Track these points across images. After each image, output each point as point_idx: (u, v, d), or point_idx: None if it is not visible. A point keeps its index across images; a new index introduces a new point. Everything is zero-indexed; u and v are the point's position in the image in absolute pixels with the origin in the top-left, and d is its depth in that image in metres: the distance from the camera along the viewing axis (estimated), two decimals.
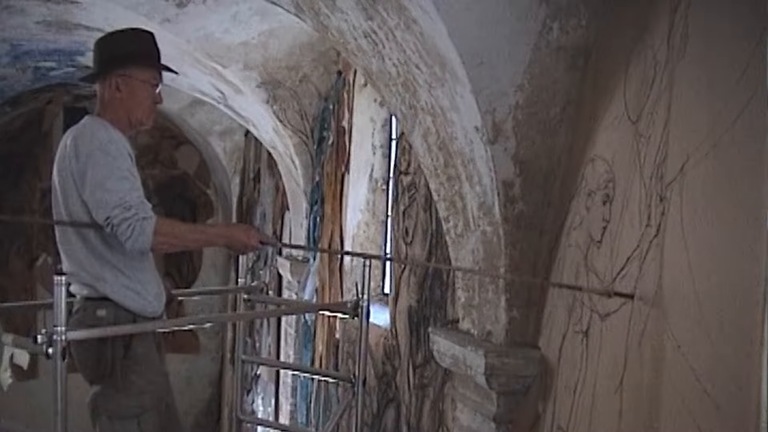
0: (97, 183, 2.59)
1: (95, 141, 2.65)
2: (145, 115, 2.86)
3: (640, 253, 2.31)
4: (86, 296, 2.71)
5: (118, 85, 2.79)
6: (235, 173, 10.24)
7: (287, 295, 7.26)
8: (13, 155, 10.45)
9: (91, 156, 2.62)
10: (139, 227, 2.55)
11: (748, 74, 1.89)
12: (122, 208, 2.55)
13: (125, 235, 2.55)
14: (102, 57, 2.85)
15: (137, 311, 2.73)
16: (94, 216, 2.61)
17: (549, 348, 2.86)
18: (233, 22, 5.52)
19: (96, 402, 2.77)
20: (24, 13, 5.91)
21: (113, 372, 2.71)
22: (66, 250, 2.78)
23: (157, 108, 2.93)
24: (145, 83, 2.82)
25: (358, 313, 3.10)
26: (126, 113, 2.80)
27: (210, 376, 11.56)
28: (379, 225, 5.43)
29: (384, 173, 5.39)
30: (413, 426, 4.15)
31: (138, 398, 2.75)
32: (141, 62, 2.83)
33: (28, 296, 10.35)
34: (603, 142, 2.59)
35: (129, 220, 2.54)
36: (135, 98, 2.80)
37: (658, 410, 2.17)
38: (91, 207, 2.61)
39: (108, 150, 2.63)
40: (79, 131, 2.73)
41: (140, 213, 2.57)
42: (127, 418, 2.74)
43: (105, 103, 2.82)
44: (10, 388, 7.87)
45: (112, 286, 2.70)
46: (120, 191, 2.58)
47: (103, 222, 2.58)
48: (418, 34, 2.84)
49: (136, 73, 2.80)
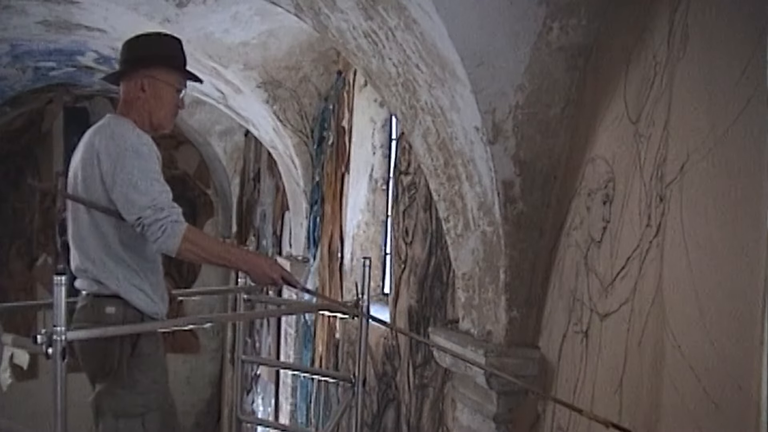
0: (129, 183, 2.61)
1: (127, 142, 2.67)
2: (167, 119, 2.89)
3: (640, 253, 2.31)
4: (95, 293, 2.73)
5: (144, 85, 2.82)
6: (235, 173, 10.24)
7: (287, 295, 7.26)
8: (13, 155, 10.45)
9: (122, 156, 2.64)
10: (170, 229, 2.58)
11: (748, 74, 1.89)
12: (154, 209, 2.58)
13: (155, 236, 2.58)
14: (129, 57, 2.88)
15: (146, 311, 2.76)
16: (125, 215, 2.63)
17: (549, 348, 2.86)
18: (233, 22, 5.52)
19: (100, 400, 2.78)
20: (24, 13, 5.91)
21: (119, 370, 2.73)
22: (79, 246, 2.79)
23: (178, 112, 2.96)
24: (169, 86, 2.86)
25: (358, 313, 3.10)
26: (149, 114, 2.83)
27: (210, 376, 11.55)
28: (379, 225, 5.43)
29: (384, 173, 5.39)
30: (413, 426, 4.15)
31: (143, 397, 2.77)
32: (167, 65, 2.87)
33: (28, 296, 10.35)
34: (603, 142, 2.60)
35: (161, 221, 2.57)
36: (159, 100, 2.84)
37: (658, 410, 2.17)
38: (121, 206, 2.63)
39: (140, 151, 2.66)
40: (107, 130, 2.75)
41: (172, 216, 2.60)
42: (131, 416, 2.76)
43: (129, 103, 2.85)
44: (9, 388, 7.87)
45: (124, 285, 2.73)
46: (152, 192, 2.61)
47: (134, 222, 2.60)
48: (418, 34, 2.84)
49: (161, 75, 2.84)
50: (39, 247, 10.75)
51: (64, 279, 2.30)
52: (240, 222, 10.18)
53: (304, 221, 6.83)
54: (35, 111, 10.34)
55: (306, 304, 6.18)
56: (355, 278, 5.29)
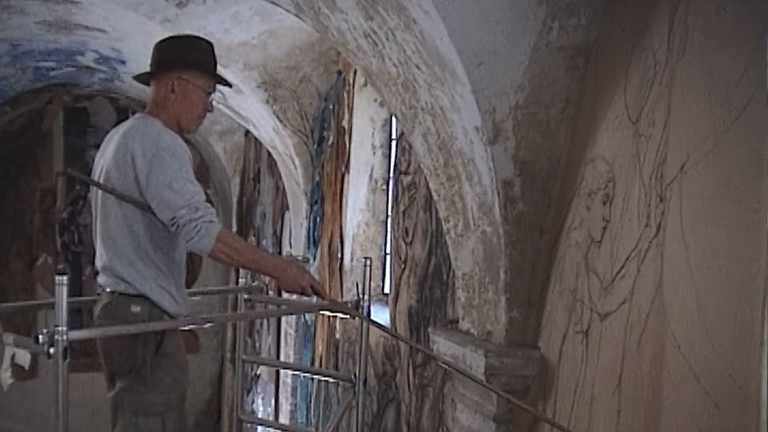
0: (164, 183, 2.63)
1: (162, 142, 2.69)
2: (194, 121, 2.92)
3: (640, 253, 2.31)
4: (121, 291, 2.75)
5: (174, 86, 2.84)
6: (235, 173, 10.24)
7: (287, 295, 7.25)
8: (13, 155, 10.45)
9: (158, 157, 2.66)
10: (205, 229, 2.60)
11: (748, 74, 1.90)
12: (189, 209, 2.60)
13: (190, 235, 2.60)
14: (161, 58, 2.89)
15: (172, 312, 2.78)
16: (159, 215, 2.65)
17: (549, 348, 2.86)
18: (233, 22, 5.53)
19: (121, 397, 2.80)
20: (24, 13, 5.91)
21: (143, 368, 2.75)
22: (108, 245, 2.80)
23: (206, 115, 2.98)
24: (199, 89, 2.88)
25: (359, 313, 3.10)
26: (177, 115, 2.85)
27: (210, 376, 11.55)
28: (379, 225, 5.43)
29: (384, 173, 5.39)
30: (413, 426, 4.15)
31: (165, 396, 2.79)
32: (198, 68, 2.88)
33: (28, 296, 10.35)
34: (603, 142, 2.60)
35: (196, 221, 2.60)
36: (188, 102, 2.86)
37: (657, 410, 2.18)
38: (156, 206, 2.65)
39: (175, 152, 2.69)
40: (140, 131, 2.76)
41: (207, 216, 2.62)
42: (152, 415, 2.77)
43: (158, 103, 2.87)
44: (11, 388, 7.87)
45: (152, 286, 2.75)
46: (188, 193, 2.63)
47: (169, 221, 2.62)
48: (418, 34, 2.84)
49: (192, 78, 2.85)
50: (39, 247, 10.74)
51: (64, 279, 2.30)
52: (240, 222, 10.18)
53: (304, 221, 6.83)
54: (35, 111, 10.34)
55: (306, 304, 6.17)
56: (355, 278, 5.29)
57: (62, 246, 10.64)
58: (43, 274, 10.55)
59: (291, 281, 2.74)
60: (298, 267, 2.83)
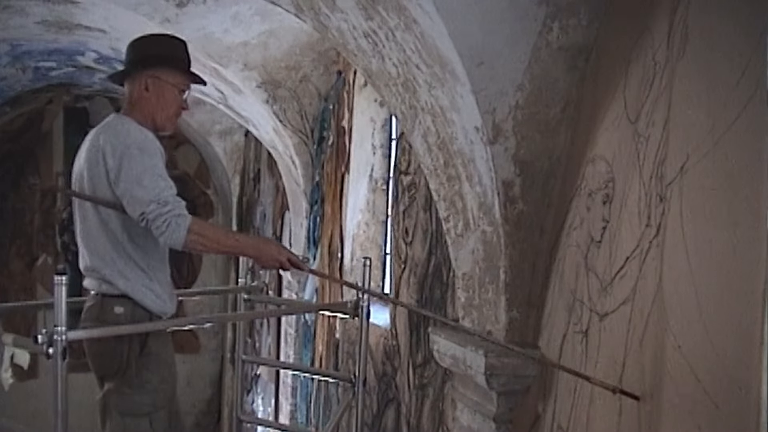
0: (133, 179, 2.62)
1: (131, 138, 2.69)
2: (170, 119, 2.90)
3: (640, 253, 2.31)
4: (104, 293, 2.74)
5: (148, 85, 2.83)
6: (235, 173, 10.24)
7: (287, 295, 7.26)
8: (13, 155, 10.45)
9: (127, 153, 2.65)
10: (175, 223, 2.58)
11: (748, 74, 1.89)
12: (158, 204, 2.59)
13: (160, 230, 2.58)
14: (134, 57, 2.89)
15: (155, 311, 2.77)
16: (129, 211, 2.64)
17: (549, 348, 2.86)
18: (233, 22, 5.52)
19: (108, 399, 2.79)
20: (24, 13, 5.91)
21: (128, 369, 2.74)
22: (89, 246, 2.79)
23: (181, 114, 2.96)
24: (173, 87, 2.87)
25: (358, 313, 3.10)
26: (152, 114, 2.84)
27: (210, 376, 11.55)
28: (379, 225, 5.43)
29: (384, 173, 5.39)
30: (413, 426, 4.15)
31: (151, 396, 2.78)
32: (172, 66, 2.87)
33: (28, 296, 10.35)
34: (603, 142, 2.60)
35: (164, 216, 2.58)
36: (163, 100, 2.85)
37: (658, 410, 2.17)
38: (126, 203, 2.64)
39: (144, 148, 2.67)
40: (112, 129, 2.76)
41: (176, 210, 2.60)
42: (139, 415, 2.77)
43: (133, 103, 2.86)
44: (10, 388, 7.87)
45: (133, 285, 2.73)
46: (156, 188, 2.61)
47: (138, 217, 2.61)
48: (418, 34, 2.84)
49: (166, 76, 2.85)
50: (39, 247, 10.74)
51: (64, 279, 2.30)
52: (240, 222, 10.18)
53: (304, 221, 6.83)
54: (35, 111, 10.34)
55: (306, 304, 6.18)
56: (355, 278, 5.29)
57: (62, 246, 10.63)
58: (43, 274, 10.55)
59: (268, 258, 2.73)
60: (273, 243, 2.83)
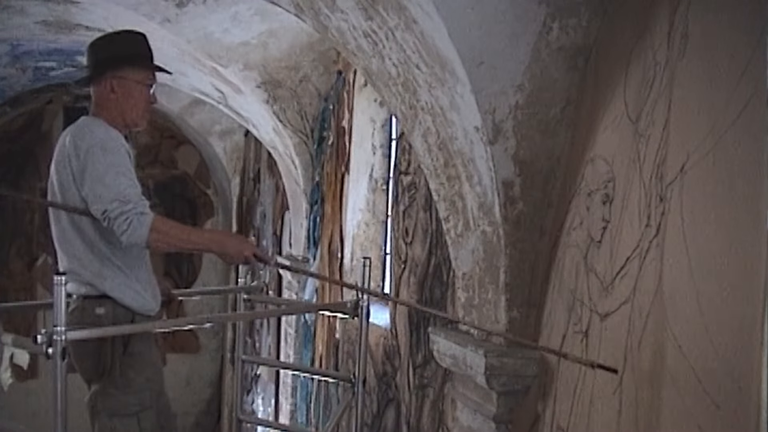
0: (95, 178, 2.61)
1: (94, 138, 2.68)
2: (140, 116, 2.88)
3: (640, 253, 2.31)
4: (84, 294, 2.73)
5: (113, 86, 2.81)
6: (235, 173, 10.24)
7: (287, 295, 7.26)
8: (13, 155, 10.45)
9: (90, 152, 2.64)
10: (137, 221, 2.56)
11: (748, 74, 1.89)
12: (120, 201, 2.57)
13: (121, 229, 2.56)
14: (96, 59, 2.86)
15: (136, 309, 2.76)
16: (92, 210, 2.63)
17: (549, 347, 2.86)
18: (233, 22, 5.52)
19: (95, 400, 2.78)
20: (24, 13, 5.91)
21: (112, 370, 2.73)
22: (65, 249, 2.79)
23: (151, 108, 2.94)
24: (139, 84, 2.84)
25: (358, 313, 3.10)
26: (121, 113, 2.82)
27: (210, 376, 11.55)
28: (379, 225, 5.43)
29: (384, 173, 5.39)
30: (413, 426, 4.15)
31: (138, 396, 2.77)
32: (135, 63, 2.85)
33: (28, 296, 10.34)
34: (603, 142, 2.60)
35: (126, 214, 2.56)
36: (130, 99, 2.83)
37: (658, 410, 2.17)
38: (90, 201, 2.63)
39: (106, 146, 2.66)
40: (77, 130, 2.76)
41: (138, 208, 2.58)
42: (126, 415, 2.76)
43: (100, 104, 2.84)
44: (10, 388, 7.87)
45: (111, 284, 2.72)
46: (118, 186, 2.60)
47: (101, 215, 2.59)
48: (418, 34, 2.84)
49: (130, 74, 2.83)
50: (39, 247, 10.74)
51: (64, 279, 2.30)
52: (240, 222, 10.18)
53: (304, 221, 6.83)
54: (35, 111, 10.34)
55: (306, 304, 6.18)
56: (355, 278, 5.29)
57: None
58: (43, 274, 10.55)
59: (233, 253, 2.69)
60: (237, 238, 2.81)
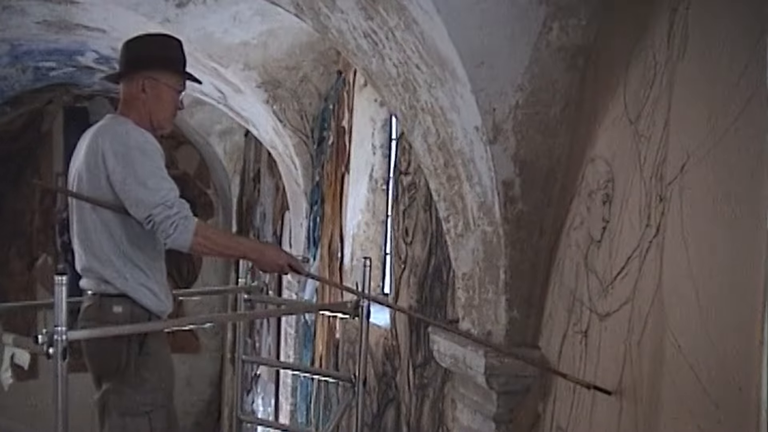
0: (137, 182, 2.64)
1: (132, 140, 2.70)
2: (167, 119, 2.92)
3: (640, 253, 2.31)
4: (102, 292, 2.75)
5: (144, 86, 2.84)
6: (235, 173, 10.24)
7: (287, 295, 7.26)
8: (13, 155, 10.45)
9: (129, 155, 2.67)
10: (182, 225, 2.61)
11: (748, 74, 1.89)
12: (164, 206, 2.61)
13: (167, 233, 2.61)
14: (130, 58, 2.90)
15: (154, 310, 2.79)
16: (134, 213, 2.66)
17: (549, 348, 2.86)
18: (233, 22, 5.52)
19: (107, 398, 2.80)
20: (24, 13, 5.91)
21: (127, 369, 2.75)
22: (86, 246, 2.80)
23: (177, 113, 2.99)
24: (170, 88, 2.89)
25: (358, 313, 3.11)
26: (148, 114, 2.85)
27: (210, 376, 11.55)
28: (379, 225, 5.43)
29: (384, 173, 5.39)
30: (413, 426, 4.15)
31: (150, 395, 2.80)
32: (168, 67, 2.89)
33: (28, 296, 10.34)
34: (603, 142, 2.60)
35: (172, 218, 2.60)
36: (159, 101, 2.86)
37: (657, 410, 2.18)
38: (130, 205, 2.66)
39: (146, 150, 2.70)
40: (110, 130, 2.77)
41: (182, 212, 2.63)
42: (138, 414, 2.78)
43: (129, 103, 2.87)
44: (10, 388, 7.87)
45: (132, 284, 2.75)
46: (162, 190, 2.64)
47: (144, 219, 2.63)
48: (418, 34, 2.84)
49: (162, 77, 2.86)
50: (39, 247, 10.74)
51: (64, 279, 2.31)
52: (240, 222, 10.18)
53: (304, 221, 6.83)
54: (35, 111, 10.33)
55: (306, 304, 6.19)
56: (355, 278, 5.29)
57: (62, 246, 10.62)
58: (43, 274, 10.54)
59: (269, 262, 2.76)
60: (275, 248, 2.88)
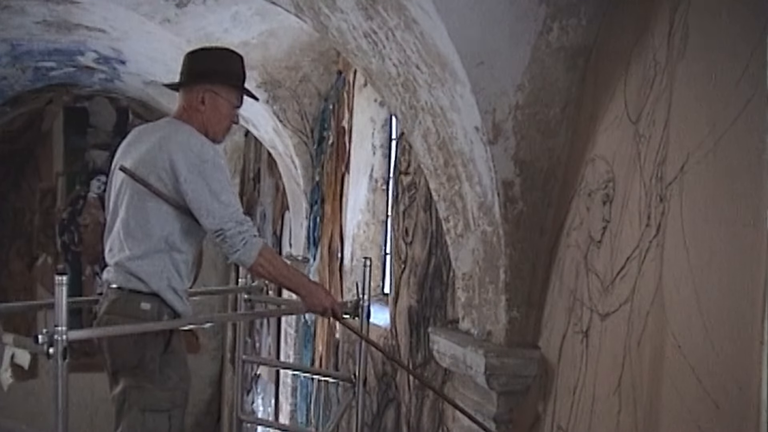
0: (211, 194, 2.71)
1: (206, 154, 2.77)
2: (222, 132, 2.99)
3: (640, 253, 2.31)
4: (131, 288, 2.78)
5: (204, 98, 2.90)
6: (235, 173, 10.23)
7: (287, 295, 7.25)
8: (13, 155, 10.45)
9: (203, 167, 2.73)
10: (251, 243, 2.71)
11: (748, 74, 1.90)
12: (237, 222, 2.71)
13: (235, 248, 2.70)
14: (192, 69, 2.97)
15: (180, 311, 2.84)
16: (204, 222, 2.73)
17: (549, 348, 2.86)
18: (233, 22, 5.52)
19: (128, 394, 2.81)
20: (24, 13, 5.91)
21: (151, 365, 2.79)
22: (126, 242, 2.81)
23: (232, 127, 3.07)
24: (228, 102, 2.95)
25: (359, 313, 3.11)
26: (204, 125, 2.90)
27: (210, 376, 11.55)
28: (379, 225, 5.43)
29: (384, 173, 5.39)
30: (413, 426, 4.15)
31: (172, 393, 2.84)
32: (227, 82, 2.95)
33: (28, 296, 10.33)
34: (603, 142, 2.60)
35: (243, 234, 2.70)
36: (216, 114, 2.93)
37: (657, 410, 2.18)
38: (201, 214, 2.72)
39: (218, 164, 2.78)
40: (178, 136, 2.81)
41: (251, 230, 2.75)
42: (159, 411, 2.81)
43: (188, 112, 2.93)
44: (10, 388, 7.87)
45: (164, 284, 2.79)
46: (233, 205, 2.75)
47: (215, 231, 2.71)
48: (418, 34, 2.84)
49: (222, 91, 2.93)
50: (39, 247, 10.73)
51: (64, 279, 2.30)
52: None
53: (304, 221, 6.83)
54: (35, 111, 10.33)
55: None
56: (355, 278, 5.29)
57: (62, 246, 10.63)
58: (43, 274, 10.54)
59: (315, 301, 2.88)
60: (323, 290, 3.00)
